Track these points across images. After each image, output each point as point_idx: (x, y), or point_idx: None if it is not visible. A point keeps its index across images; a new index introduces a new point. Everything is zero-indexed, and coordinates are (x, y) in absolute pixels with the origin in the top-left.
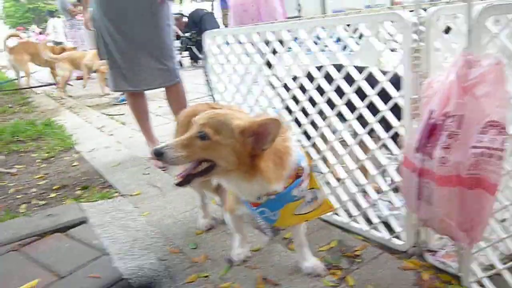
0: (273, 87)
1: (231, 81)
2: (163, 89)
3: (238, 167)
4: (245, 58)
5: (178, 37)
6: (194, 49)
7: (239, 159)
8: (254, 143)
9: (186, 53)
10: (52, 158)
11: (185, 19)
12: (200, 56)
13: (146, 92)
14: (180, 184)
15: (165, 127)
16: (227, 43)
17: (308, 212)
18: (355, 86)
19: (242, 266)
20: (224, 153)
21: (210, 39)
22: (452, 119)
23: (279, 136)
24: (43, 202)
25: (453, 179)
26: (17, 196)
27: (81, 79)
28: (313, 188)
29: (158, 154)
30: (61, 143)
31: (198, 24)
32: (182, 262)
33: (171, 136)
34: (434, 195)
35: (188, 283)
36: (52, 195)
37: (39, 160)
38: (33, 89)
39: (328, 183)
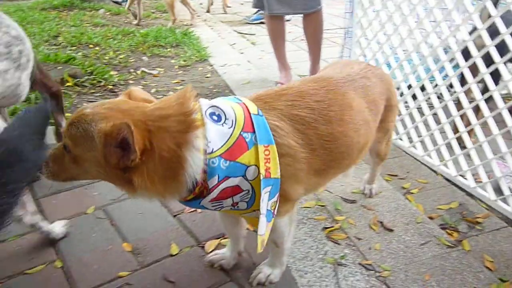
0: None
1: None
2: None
3: (113, 182)
4: None
5: None
6: None
7: (109, 176)
8: (120, 155)
9: None
10: (188, 67)
11: None
12: None
13: None
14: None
15: (294, 54)
16: None
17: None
18: None
19: (358, 204)
20: (90, 170)
21: None
22: None
23: (173, 141)
24: None
25: None
26: (157, 96)
27: None
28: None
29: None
30: (196, 54)
31: None
32: None
33: None
34: None
35: (305, 208)
36: None
37: (177, 67)
38: None
39: (461, 144)
